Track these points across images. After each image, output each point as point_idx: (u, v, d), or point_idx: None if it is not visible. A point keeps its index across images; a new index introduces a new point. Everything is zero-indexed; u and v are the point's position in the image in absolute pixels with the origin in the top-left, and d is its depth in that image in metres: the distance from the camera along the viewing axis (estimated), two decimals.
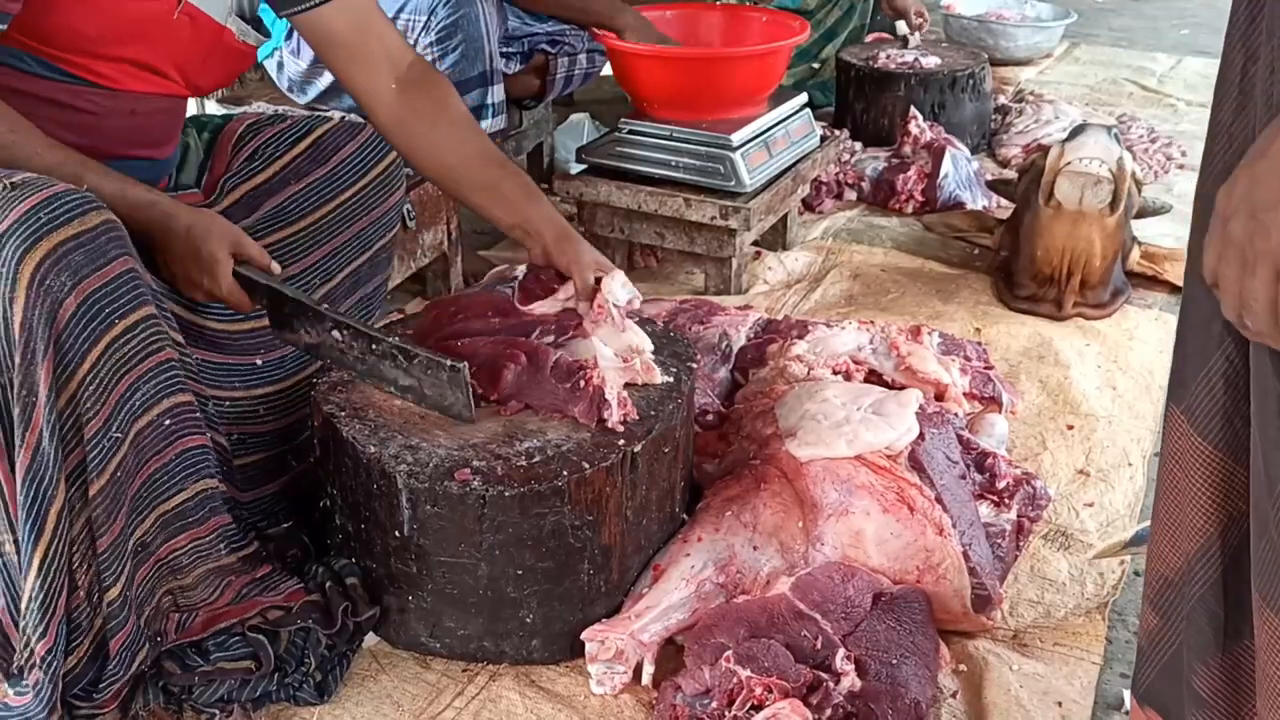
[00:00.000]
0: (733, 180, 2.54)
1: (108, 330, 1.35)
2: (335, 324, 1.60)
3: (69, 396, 1.32)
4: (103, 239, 1.34)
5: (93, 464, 1.35)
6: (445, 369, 1.55)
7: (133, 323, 1.38)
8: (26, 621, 1.34)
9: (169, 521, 1.50)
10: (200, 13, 1.62)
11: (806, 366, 2.11)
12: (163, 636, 1.52)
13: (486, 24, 2.64)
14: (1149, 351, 2.47)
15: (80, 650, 1.40)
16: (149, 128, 1.67)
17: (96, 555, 1.38)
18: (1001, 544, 1.82)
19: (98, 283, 1.33)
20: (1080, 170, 2.44)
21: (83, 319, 1.32)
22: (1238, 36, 0.99)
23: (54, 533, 1.33)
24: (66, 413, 1.32)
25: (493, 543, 1.53)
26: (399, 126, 1.80)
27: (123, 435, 1.38)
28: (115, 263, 1.35)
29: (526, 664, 1.62)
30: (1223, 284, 0.89)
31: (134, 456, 1.42)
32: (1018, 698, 1.57)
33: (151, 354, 1.42)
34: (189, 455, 1.50)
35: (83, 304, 1.31)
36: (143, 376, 1.41)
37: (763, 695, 1.46)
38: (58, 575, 1.34)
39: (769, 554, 1.69)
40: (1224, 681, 1.07)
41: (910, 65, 3.56)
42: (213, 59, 1.70)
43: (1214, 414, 1.03)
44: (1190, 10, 5.59)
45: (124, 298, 1.36)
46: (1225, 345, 1.01)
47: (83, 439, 1.34)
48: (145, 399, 1.42)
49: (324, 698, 1.55)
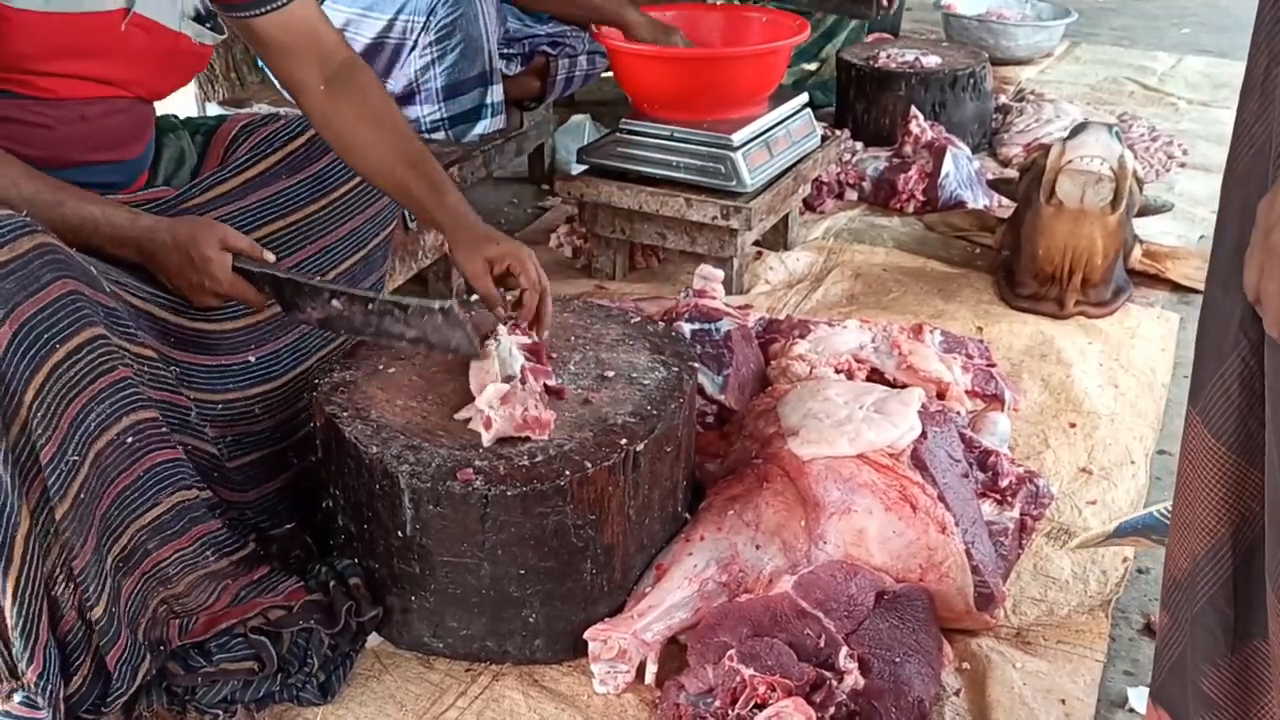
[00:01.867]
0: (734, 180, 2.54)
1: (49, 355, 1.32)
2: (331, 294, 1.63)
3: (20, 425, 1.29)
4: (35, 264, 1.31)
5: (54, 489, 1.32)
6: (437, 312, 1.61)
7: (76, 346, 1.35)
8: (14, 650, 1.33)
9: (149, 535, 1.49)
10: (152, 22, 1.61)
11: (808, 365, 2.12)
12: (165, 644, 1.51)
13: (486, 24, 2.65)
14: (1151, 349, 2.47)
15: (83, 670, 1.40)
16: (105, 131, 1.65)
17: (74, 577, 1.36)
18: (1004, 542, 1.82)
19: (32, 309, 1.30)
20: (1081, 169, 2.44)
21: (20, 346, 1.28)
22: (1262, 38, 0.99)
23: (23, 560, 1.31)
24: (20, 441, 1.30)
25: (495, 542, 1.54)
26: (324, 124, 1.81)
27: (80, 458, 1.36)
28: (51, 287, 1.32)
29: (529, 664, 1.62)
30: (1265, 299, 0.89)
31: (97, 477, 1.39)
32: (1021, 695, 1.57)
33: (102, 374, 1.39)
34: (159, 470, 1.49)
35: (18, 332, 1.28)
36: (95, 398, 1.38)
37: (766, 694, 1.45)
38: (33, 601, 1.32)
39: (771, 553, 1.69)
40: (1234, 682, 1.07)
41: (911, 65, 3.56)
42: (172, 65, 1.69)
43: (1228, 416, 1.03)
44: (1191, 9, 5.59)
45: (62, 322, 1.33)
46: (1240, 347, 1.01)
47: (40, 465, 1.31)
48: (101, 419, 1.39)
49: (327, 698, 1.55)
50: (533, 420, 1.57)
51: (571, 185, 2.68)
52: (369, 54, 2.63)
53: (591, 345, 1.82)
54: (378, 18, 2.62)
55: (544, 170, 3.39)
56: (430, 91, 2.64)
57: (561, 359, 1.77)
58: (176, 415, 1.55)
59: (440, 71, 2.61)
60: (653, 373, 1.74)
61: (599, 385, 1.71)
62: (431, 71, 2.62)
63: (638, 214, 2.64)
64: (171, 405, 1.54)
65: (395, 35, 2.61)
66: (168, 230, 1.56)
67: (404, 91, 2.64)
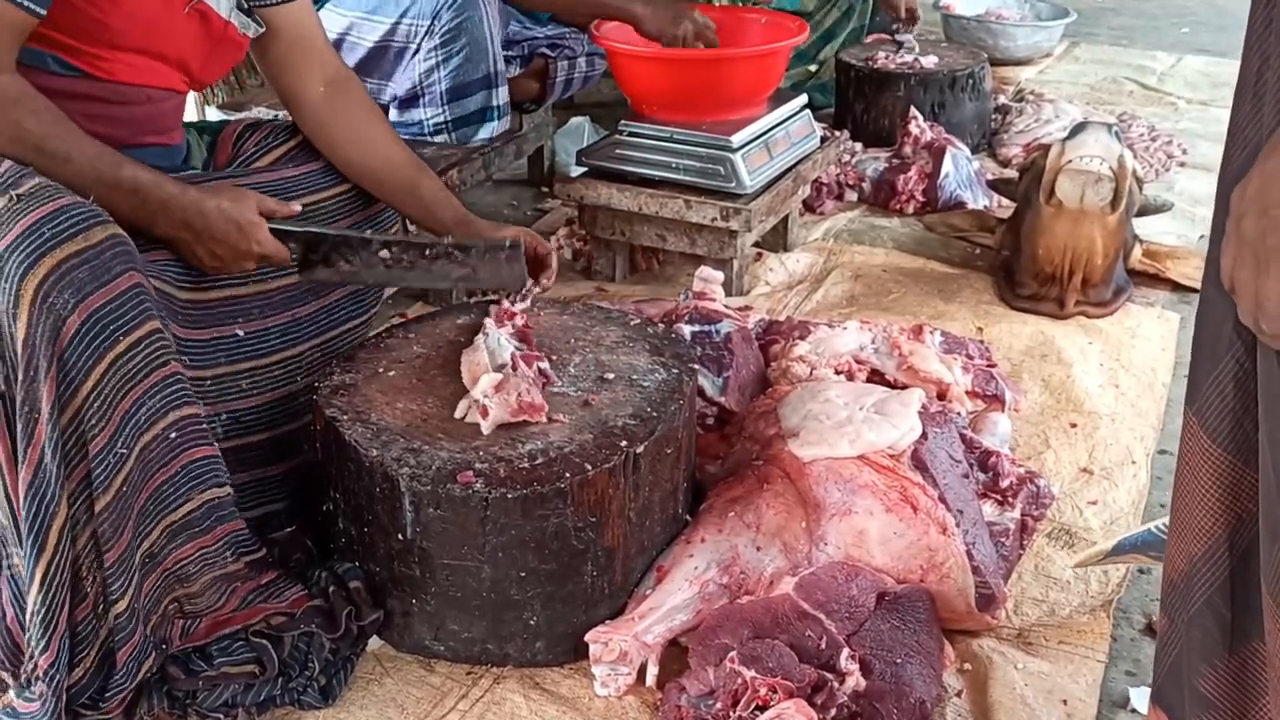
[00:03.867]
0: (733, 182, 2.54)
1: (112, 347, 1.34)
2: (383, 244, 1.75)
3: (73, 413, 1.31)
4: (107, 254, 1.34)
5: (98, 480, 1.34)
6: (504, 249, 1.76)
7: (137, 339, 1.38)
8: (30, 635, 1.34)
9: (176, 532, 1.50)
10: (208, 8, 1.66)
11: (809, 367, 2.12)
12: (167, 643, 1.52)
13: (490, 27, 2.64)
14: (1151, 349, 2.47)
15: (86, 661, 1.40)
16: (160, 116, 1.71)
17: (103, 569, 1.37)
18: (1005, 543, 1.82)
19: (102, 299, 1.32)
20: (1081, 168, 2.44)
21: (86, 336, 1.31)
22: (1254, 40, 0.99)
23: (55, 549, 1.32)
24: (70, 429, 1.32)
25: (496, 545, 1.53)
26: (322, 129, 1.87)
27: (128, 451, 1.38)
28: (120, 279, 1.35)
29: (530, 666, 1.62)
30: (1238, 287, 0.89)
31: (140, 471, 1.41)
32: (1023, 696, 1.57)
33: (156, 369, 1.41)
34: (195, 466, 1.50)
35: (86, 321, 1.31)
36: (148, 392, 1.40)
37: (767, 696, 1.45)
38: (59, 591, 1.34)
39: (772, 554, 1.69)
40: (1231, 683, 1.07)
41: (910, 65, 3.56)
42: (217, 53, 1.73)
43: (1223, 417, 1.03)
44: (1190, 9, 5.59)
45: (129, 314, 1.36)
46: (1235, 348, 1.01)
47: (87, 455, 1.33)
48: (151, 414, 1.41)
49: (328, 701, 1.55)
50: (528, 405, 1.59)
51: (571, 187, 2.68)
52: (373, 57, 2.63)
53: (592, 347, 1.82)
54: (381, 21, 2.62)
55: (543, 172, 3.39)
56: (435, 94, 2.64)
57: (562, 361, 1.77)
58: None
59: (445, 75, 2.61)
60: (653, 375, 1.74)
61: (599, 387, 1.71)
62: (436, 74, 2.61)
63: (637, 216, 2.64)
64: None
65: (399, 39, 2.61)
66: (213, 199, 1.59)
67: (408, 94, 2.64)
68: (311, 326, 1.82)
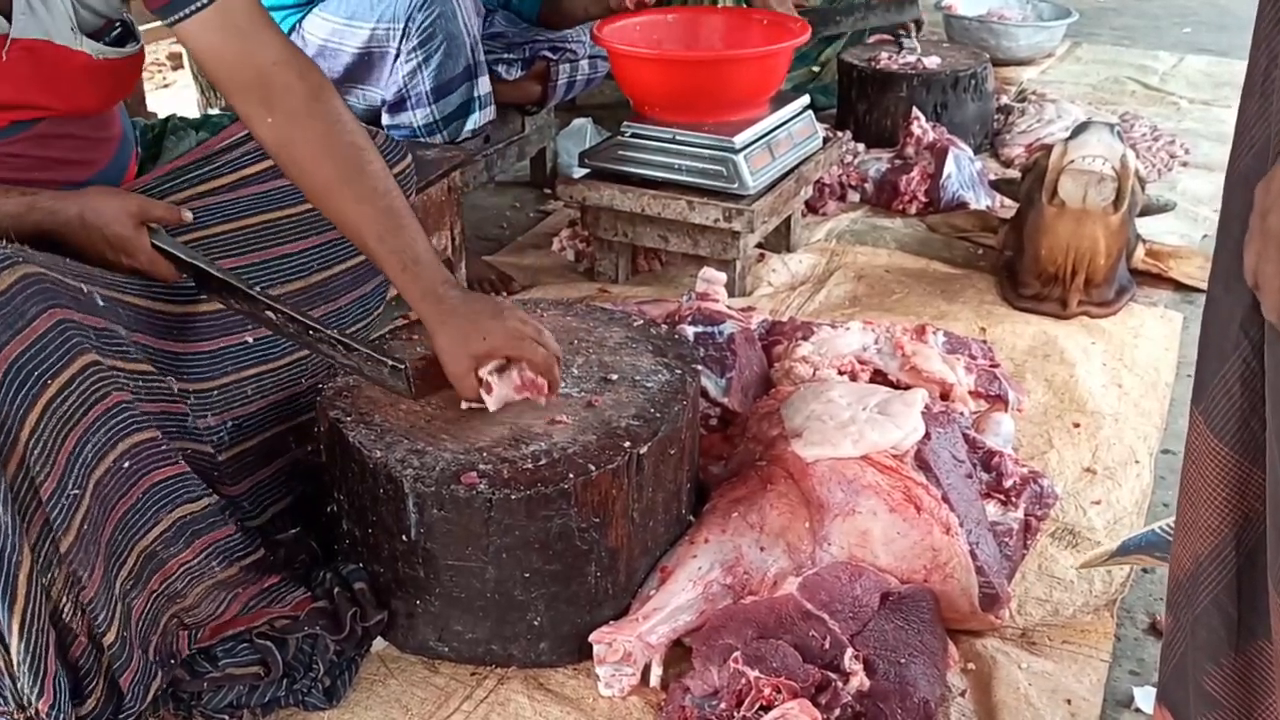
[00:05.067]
0: (736, 183, 2.54)
1: (42, 392, 1.30)
2: (268, 306, 1.57)
3: (17, 463, 1.28)
4: (18, 299, 1.29)
5: (56, 523, 1.31)
6: (387, 367, 1.57)
7: (69, 379, 1.34)
8: (21, 684, 1.32)
9: (151, 555, 1.48)
10: (42, 43, 1.52)
11: (812, 367, 2.12)
12: (176, 655, 1.51)
13: (465, 19, 2.64)
14: (1155, 349, 2.47)
15: (96, 692, 1.39)
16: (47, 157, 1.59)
17: (83, 605, 1.35)
18: (1009, 542, 1.82)
19: (20, 347, 1.28)
20: (1083, 168, 2.44)
21: (12, 386, 1.27)
22: (1262, 39, 0.99)
23: (27, 597, 1.29)
24: (19, 479, 1.28)
25: (500, 546, 1.54)
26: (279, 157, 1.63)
27: (81, 490, 1.34)
28: (37, 321, 1.31)
29: (535, 667, 1.62)
30: (1263, 282, 0.89)
31: (99, 506, 1.38)
32: (1026, 696, 1.57)
33: (95, 403, 1.37)
34: (156, 489, 1.47)
35: (8, 372, 1.27)
36: (90, 429, 1.37)
37: (771, 696, 1.45)
38: (40, 635, 1.31)
39: (776, 554, 1.69)
40: (1236, 682, 1.07)
41: (912, 66, 3.56)
42: (82, 82, 1.59)
43: (1230, 415, 1.03)
44: (1192, 8, 5.58)
45: (53, 355, 1.32)
46: (1242, 347, 1.01)
47: (40, 501, 1.30)
48: (98, 449, 1.38)
49: (333, 702, 1.55)
50: (529, 381, 1.58)
51: (573, 189, 2.68)
52: (358, 64, 2.64)
53: (595, 349, 1.82)
54: (360, 27, 2.63)
55: (546, 174, 3.39)
56: (421, 95, 2.65)
57: (565, 363, 1.77)
58: (174, 423, 1.55)
59: (428, 74, 2.62)
60: (656, 376, 1.74)
61: (602, 389, 1.71)
62: (419, 75, 2.62)
63: (640, 217, 2.64)
64: (169, 415, 1.54)
65: (378, 43, 2.62)
66: (76, 207, 1.50)
67: (396, 98, 2.65)
68: None
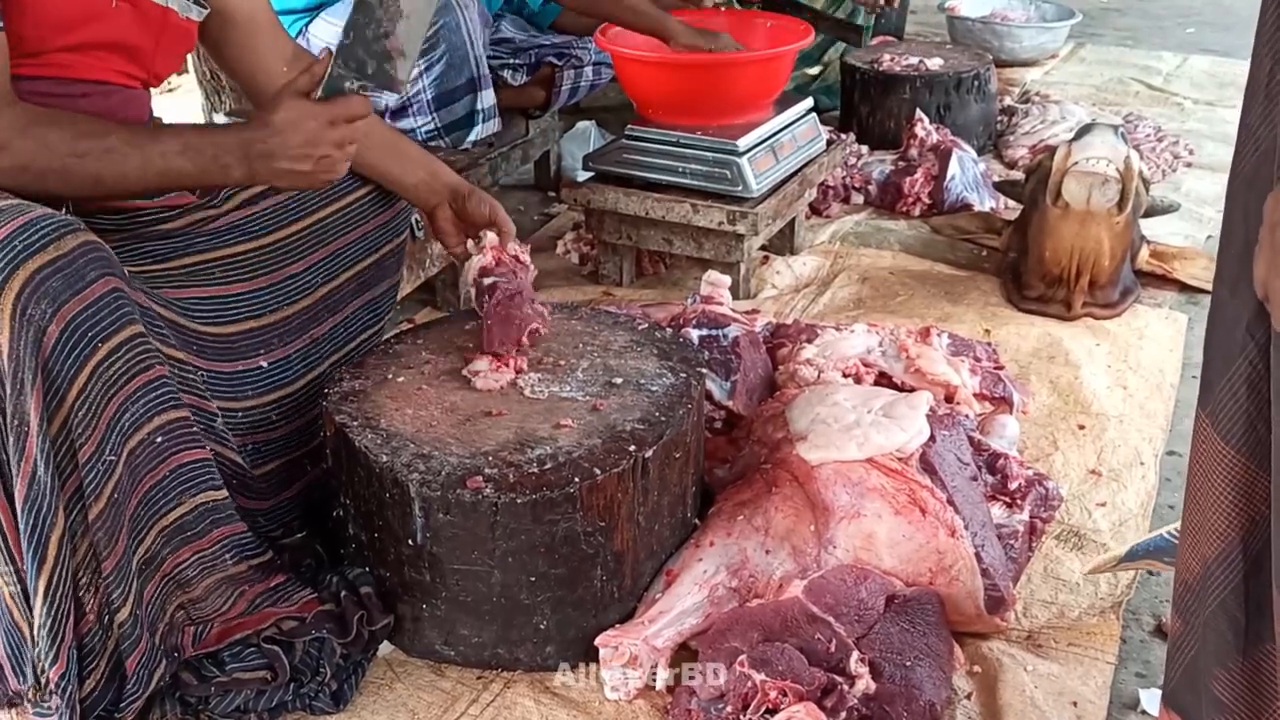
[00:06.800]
0: (740, 185, 2.55)
1: (93, 354, 1.33)
2: None
3: (60, 422, 1.31)
4: (80, 262, 1.33)
5: (89, 488, 1.34)
6: None
7: (117, 344, 1.37)
8: (38, 649, 1.34)
9: (170, 536, 1.49)
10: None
11: (816, 370, 2.12)
12: (179, 651, 1.52)
13: (469, 30, 2.65)
14: (1159, 350, 2.47)
15: (96, 674, 1.40)
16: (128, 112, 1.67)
17: (103, 578, 1.37)
18: (1014, 545, 1.82)
19: (78, 307, 1.32)
20: (1087, 170, 2.44)
21: (67, 344, 1.30)
22: (1266, 40, 0.99)
23: (56, 559, 1.32)
24: (60, 439, 1.31)
25: (506, 550, 1.54)
26: None
27: (116, 457, 1.37)
28: (95, 285, 1.34)
29: (541, 670, 1.63)
30: (1273, 295, 0.88)
31: (129, 476, 1.41)
32: (1032, 698, 1.57)
33: (139, 373, 1.41)
34: (184, 470, 1.50)
35: (65, 330, 1.30)
36: (131, 396, 1.40)
37: (777, 699, 1.46)
38: (63, 601, 1.34)
39: (781, 557, 1.69)
40: (1244, 686, 1.07)
41: (915, 68, 3.56)
42: (164, 42, 1.69)
43: (1237, 419, 1.03)
44: (1195, 9, 5.58)
45: (106, 319, 1.35)
46: (1248, 350, 1.01)
47: (77, 464, 1.33)
48: (135, 418, 1.41)
49: (339, 706, 1.55)
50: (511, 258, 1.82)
51: (578, 192, 2.68)
52: None
53: (599, 352, 1.82)
54: None
55: (550, 177, 3.40)
56: (422, 103, 2.65)
57: (569, 366, 1.77)
58: (203, 421, 1.57)
59: (430, 83, 2.63)
60: (661, 379, 1.75)
61: (607, 392, 1.71)
62: (421, 84, 2.63)
63: (644, 220, 2.64)
64: (200, 410, 1.56)
65: None
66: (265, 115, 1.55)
67: (398, 104, 2.66)
68: (329, 345, 1.83)
